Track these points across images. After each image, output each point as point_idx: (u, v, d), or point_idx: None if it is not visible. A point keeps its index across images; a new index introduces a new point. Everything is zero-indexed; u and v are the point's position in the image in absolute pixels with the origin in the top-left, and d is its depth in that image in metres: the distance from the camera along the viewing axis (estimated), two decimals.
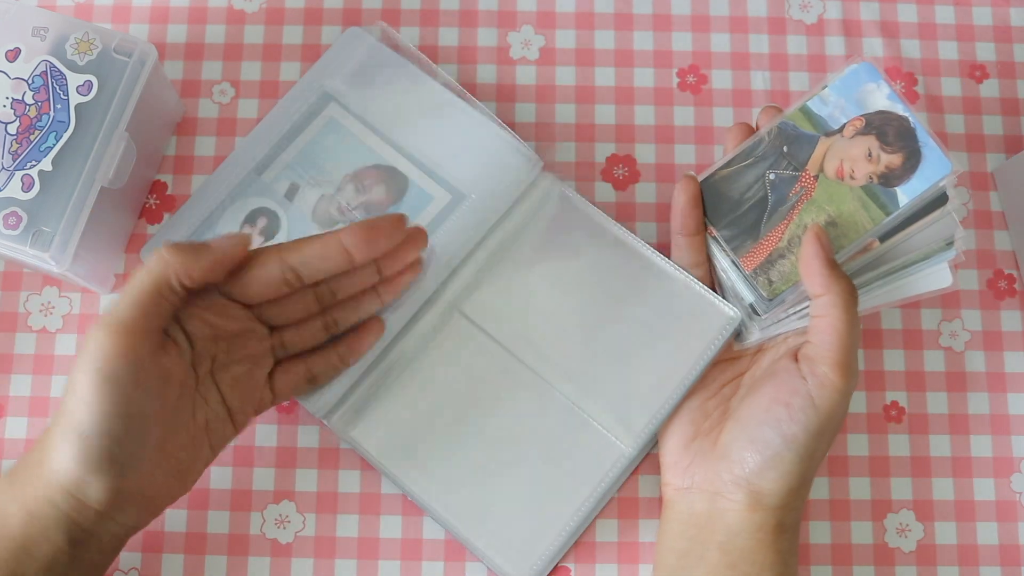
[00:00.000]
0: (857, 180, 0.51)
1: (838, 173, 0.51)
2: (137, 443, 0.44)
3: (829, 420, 0.48)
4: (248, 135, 0.59)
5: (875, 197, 0.51)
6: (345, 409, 0.55)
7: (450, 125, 0.57)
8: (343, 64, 0.59)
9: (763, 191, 0.52)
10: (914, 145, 0.51)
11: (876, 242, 0.51)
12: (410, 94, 0.58)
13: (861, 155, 0.51)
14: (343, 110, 0.58)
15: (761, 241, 0.52)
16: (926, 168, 0.51)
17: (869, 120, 0.52)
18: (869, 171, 0.51)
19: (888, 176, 0.51)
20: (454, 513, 0.54)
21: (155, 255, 0.45)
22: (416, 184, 0.57)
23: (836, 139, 0.52)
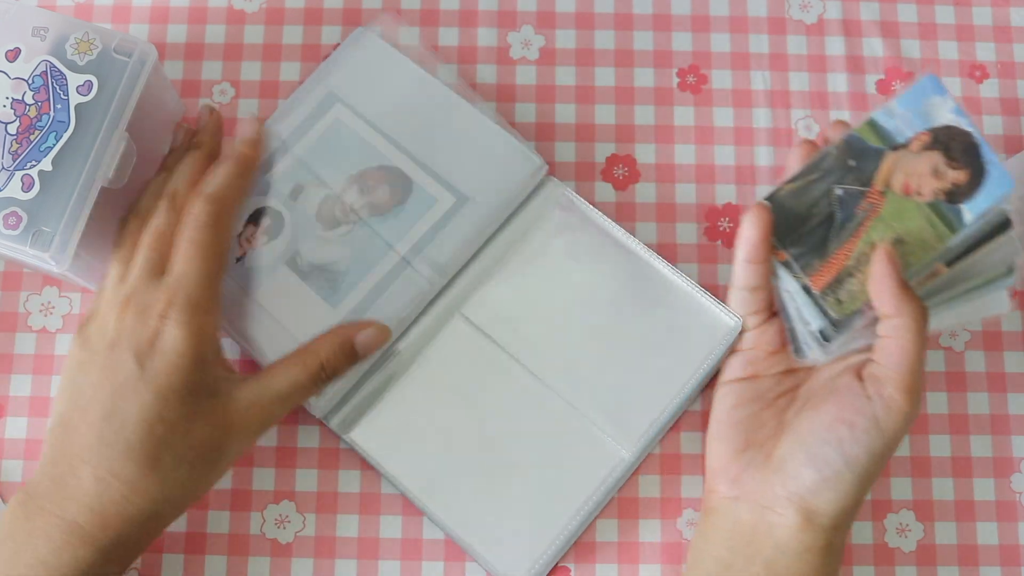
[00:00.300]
0: (924, 196, 0.50)
1: (905, 189, 0.50)
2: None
3: (891, 443, 0.47)
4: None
5: (941, 215, 0.50)
6: (345, 410, 0.55)
7: (455, 128, 0.57)
8: (349, 65, 0.59)
9: (829, 207, 0.50)
10: (979, 162, 0.50)
11: (943, 268, 0.50)
12: (416, 96, 0.58)
13: (927, 171, 0.50)
14: (348, 111, 0.58)
15: (829, 259, 0.50)
16: (990, 185, 0.49)
17: (935, 135, 0.50)
18: (935, 187, 0.50)
19: (954, 193, 0.50)
20: (453, 515, 0.54)
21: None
22: (420, 186, 0.57)
23: (902, 154, 0.50)
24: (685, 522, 0.55)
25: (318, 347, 0.51)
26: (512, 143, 0.57)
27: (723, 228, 0.59)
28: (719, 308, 0.55)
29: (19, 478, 0.56)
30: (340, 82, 0.58)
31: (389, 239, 0.56)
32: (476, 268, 0.57)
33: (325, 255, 0.56)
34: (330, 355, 0.51)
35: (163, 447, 0.45)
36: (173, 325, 0.46)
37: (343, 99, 0.58)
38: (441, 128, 0.57)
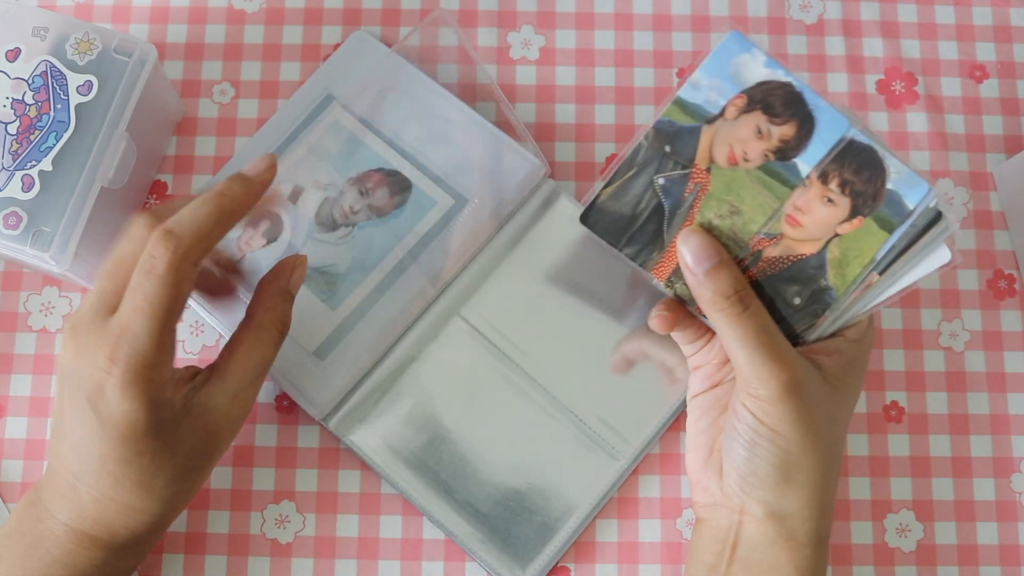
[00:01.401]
0: (752, 161, 0.46)
1: (730, 159, 0.46)
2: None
3: (775, 432, 0.45)
4: (252, 137, 0.59)
5: (775, 173, 0.46)
6: (344, 412, 0.55)
7: (455, 129, 0.57)
8: (348, 67, 0.59)
9: (656, 198, 0.47)
10: (804, 110, 0.46)
11: (875, 276, 0.46)
12: (414, 98, 0.58)
13: (750, 134, 0.46)
14: (347, 113, 0.58)
15: (668, 250, 0.47)
16: (823, 131, 0.45)
17: (751, 95, 0.46)
18: (762, 149, 0.46)
19: (784, 149, 0.46)
20: (452, 516, 0.54)
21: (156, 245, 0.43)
22: (419, 188, 0.57)
23: (719, 124, 0.46)
24: (685, 522, 0.55)
25: (270, 313, 0.48)
26: (512, 145, 0.57)
27: None
28: None
29: (19, 478, 0.56)
30: (338, 84, 0.58)
31: (388, 242, 0.56)
32: (475, 270, 0.57)
33: (325, 257, 0.56)
34: (284, 315, 0.48)
35: (150, 474, 0.45)
36: (116, 386, 0.42)
37: (341, 101, 0.58)
38: (440, 130, 0.57)
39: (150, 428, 0.43)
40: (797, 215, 0.46)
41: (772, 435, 0.45)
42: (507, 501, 0.54)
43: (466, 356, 0.56)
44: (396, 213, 0.56)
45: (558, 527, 0.54)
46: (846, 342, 0.46)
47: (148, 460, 0.44)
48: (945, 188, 0.60)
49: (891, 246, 0.45)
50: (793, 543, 0.46)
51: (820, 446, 0.45)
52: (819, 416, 0.45)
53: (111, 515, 0.45)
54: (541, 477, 0.54)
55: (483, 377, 0.55)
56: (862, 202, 0.46)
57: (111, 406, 0.43)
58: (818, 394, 0.45)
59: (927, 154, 0.61)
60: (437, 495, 0.54)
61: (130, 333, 0.42)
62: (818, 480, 0.45)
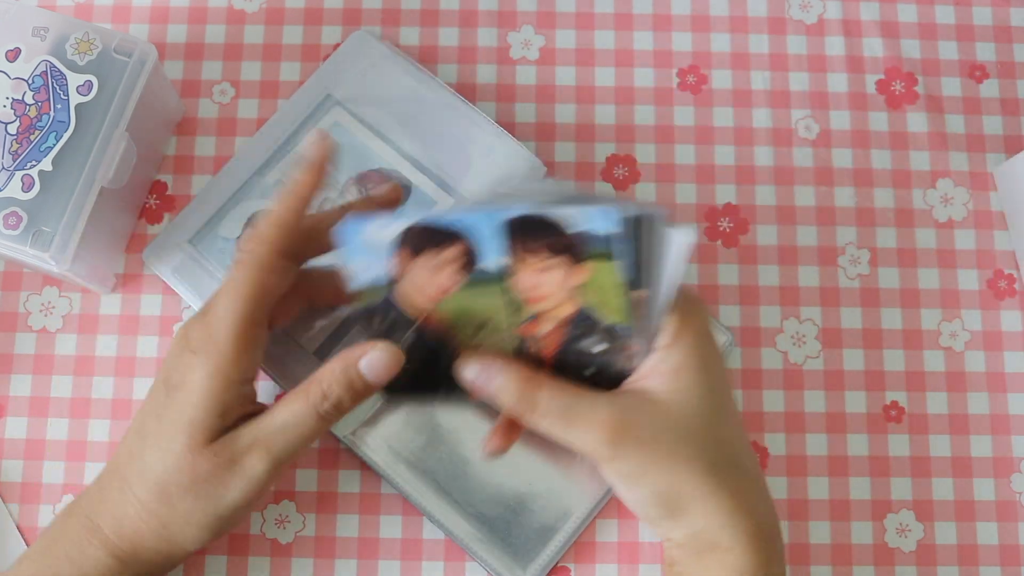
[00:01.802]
0: (453, 287, 0.44)
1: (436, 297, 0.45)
2: None
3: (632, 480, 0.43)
4: (252, 137, 0.59)
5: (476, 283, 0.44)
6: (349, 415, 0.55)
7: (454, 129, 0.57)
8: (348, 67, 0.59)
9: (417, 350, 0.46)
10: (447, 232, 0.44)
11: (643, 292, 0.44)
12: (414, 98, 0.58)
13: (428, 276, 0.45)
14: (347, 113, 0.58)
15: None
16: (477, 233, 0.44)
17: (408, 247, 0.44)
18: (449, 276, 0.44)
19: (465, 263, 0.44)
20: (452, 517, 0.54)
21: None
22: (419, 188, 0.57)
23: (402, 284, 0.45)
24: None
25: (321, 375, 0.46)
26: (511, 145, 0.57)
27: (723, 228, 0.59)
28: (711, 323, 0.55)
29: (19, 478, 0.56)
30: (338, 84, 0.58)
31: None
32: None
33: (324, 259, 0.56)
34: (331, 382, 0.45)
35: (168, 475, 0.45)
36: (197, 367, 0.45)
37: (341, 101, 0.58)
38: (440, 130, 0.57)
39: (197, 422, 0.45)
40: (534, 293, 0.45)
41: (632, 485, 0.43)
42: (507, 501, 0.54)
43: None
44: (396, 213, 0.56)
45: (558, 527, 0.54)
46: (661, 353, 0.44)
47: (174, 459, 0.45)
48: (945, 188, 0.60)
49: (623, 269, 0.44)
50: (718, 551, 0.43)
51: (691, 466, 0.43)
52: (666, 442, 0.43)
53: (125, 510, 0.46)
54: (542, 477, 0.54)
55: None
56: (574, 252, 0.44)
57: (187, 384, 0.45)
58: (656, 422, 0.43)
59: (927, 154, 0.61)
60: (437, 495, 0.54)
61: (215, 319, 0.45)
62: (709, 495, 0.43)
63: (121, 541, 0.46)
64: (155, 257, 0.57)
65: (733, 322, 0.58)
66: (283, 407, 0.46)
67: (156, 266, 0.57)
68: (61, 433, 0.56)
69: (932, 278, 0.59)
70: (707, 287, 0.58)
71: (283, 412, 0.46)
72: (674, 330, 0.44)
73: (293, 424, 0.46)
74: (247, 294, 0.45)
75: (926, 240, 0.59)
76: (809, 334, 0.58)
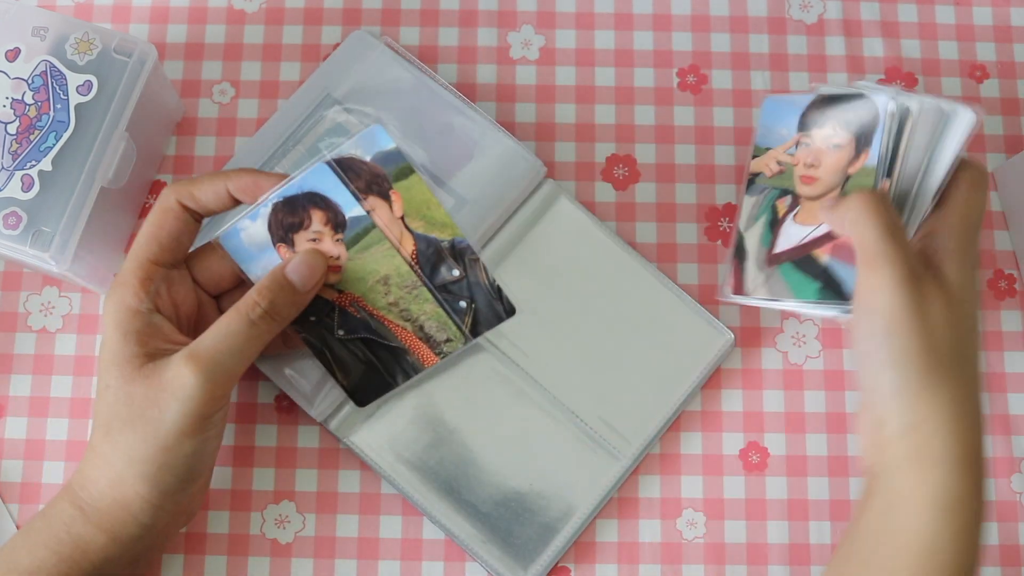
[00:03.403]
0: (342, 256, 0.50)
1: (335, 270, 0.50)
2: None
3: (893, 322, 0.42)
4: (251, 137, 0.59)
5: (355, 237, 0.50)
6: (345, 413, 0.55)
7: (453, 129, 0.57)
8: (348, 67, 0.59)
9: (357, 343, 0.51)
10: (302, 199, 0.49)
11: (885, 182, 0.47)
12: (413, 98, 0.58)
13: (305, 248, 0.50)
14: (347, 113, 0.58)
15: (407, 345, 0.52)
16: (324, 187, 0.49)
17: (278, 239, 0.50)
18: (331, 243, 0.50)
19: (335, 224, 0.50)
20: (453, 517, 0.54)
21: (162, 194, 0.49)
22: None
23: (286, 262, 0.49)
24: (685, 522, 0.55)
25: (252, 290, 0.48)
26: (511, 145, 0.57)
27: (723, 228, 0.59)
28: (712, 323, 0.56)
29: (19, 478, 0.56)
30: (338, 84, 0.58)
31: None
32: None
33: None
34: (261, 290, 0.48)
35: (110, 411, 0.46)
36: (107, 304, 0.48)
37: (341, 101, 0.58)
38: (439, 130, 0.57)
39: (117, 351, 0.47)
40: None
41: (895, 328, 0.42)
42: (508, 502, 0.54)
43: (467, 357, 0.56)
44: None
45: (559, 527, 0.54)
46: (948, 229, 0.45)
47: (110, 393, 0.46)
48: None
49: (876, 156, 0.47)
50: (923, 464, 0.41)
51: (952, 350, 0.42)
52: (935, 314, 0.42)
53: (85, 461, 0.47)
54: (542, 477, 0.54)
55: (484, 378, 0.55)
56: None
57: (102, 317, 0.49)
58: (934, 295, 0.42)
59: None
60: (438, 496, 0.54)
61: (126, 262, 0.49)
62: (951, 386, 0.41)
63: (81, 491, 0.47)
64: None
65: (733, 322, 0.58)
66: (216, 323, 0.47)
67: None
68: (61, 433, 0.56)
69: None
70: (707, 287, 0.58)
71: (215, 327, 0.47)
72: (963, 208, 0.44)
73: (225, 334, 0.47)
74: (146, 232, 0.49)
75: None
76: (809, 334, 0.58)
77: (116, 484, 0.46)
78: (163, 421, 0.46)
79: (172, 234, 0.49)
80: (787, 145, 0.52)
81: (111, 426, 0.46)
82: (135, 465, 0.46)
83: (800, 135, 0.51)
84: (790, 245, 0.52)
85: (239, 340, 0.47)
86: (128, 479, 0.46)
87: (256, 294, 0.48)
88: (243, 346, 0.47)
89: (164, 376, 0.46)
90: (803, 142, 0.50)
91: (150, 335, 0.47)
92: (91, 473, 0.47)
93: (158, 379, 0.46)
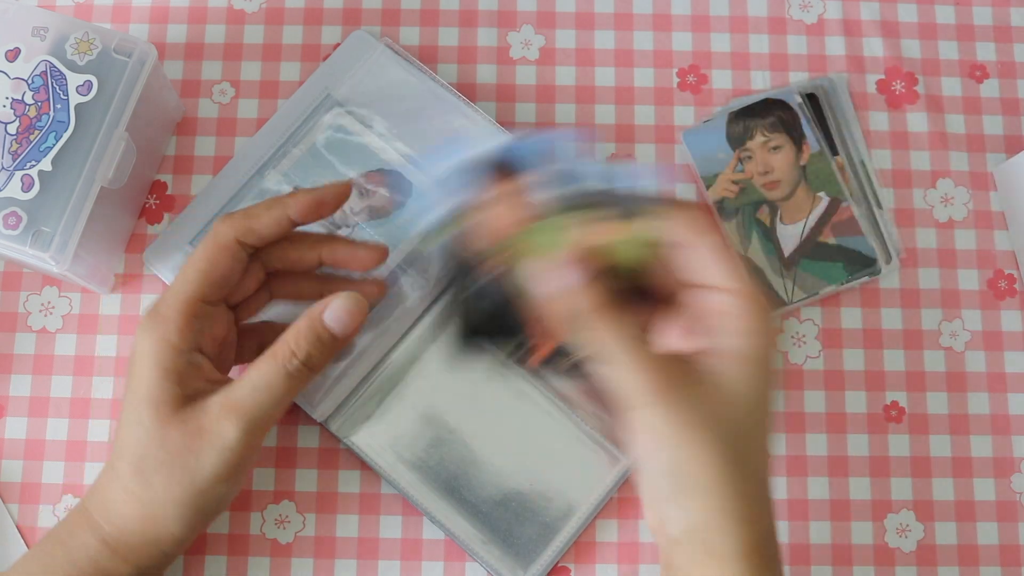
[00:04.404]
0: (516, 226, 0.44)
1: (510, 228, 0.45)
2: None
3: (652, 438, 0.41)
4: (252, 137, 0.59)
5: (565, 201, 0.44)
6: (346, 414, 0.55)
7: (455, 130, 0.57)
8: (349, 67, 0.59)
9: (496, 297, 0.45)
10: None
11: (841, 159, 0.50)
12: (414, 98, 0.58)
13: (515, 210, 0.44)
14: (347, 114, 0.58)
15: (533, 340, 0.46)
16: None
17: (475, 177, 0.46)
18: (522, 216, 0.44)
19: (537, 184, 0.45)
20: (453, 517, 0.54)
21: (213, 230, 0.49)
22: (420, 189, 0.57)
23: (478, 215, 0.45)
24: None
25: (288, 334, 0.47)
26: None
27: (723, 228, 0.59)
28: None
29: (19, 478, 0.56)
30: (338, 84, 0.58)
31: (388, 243, 0.55)
32: None
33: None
34: (298, 338, 0.46)
35: (143, 449, 0.46)
36: (144, 338, 0.47)
37: (341, 101, 0.58)
38: (441, 131, 0.57)
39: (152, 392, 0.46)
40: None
41: (654, 444, 0.41)
42: (508, 502, 0.54)
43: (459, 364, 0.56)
44: (396, 215, 0.56)
45: (559, 527, 0.54)
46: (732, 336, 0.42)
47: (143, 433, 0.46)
48: (945, 188, 0.60)
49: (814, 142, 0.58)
50: (713, 557, 0.41)
51: (716, 450, 0.40)
52: (705, 416, 0.41)
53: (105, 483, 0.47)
54: (542, 477, 0.54)
55: (484, 378, 0.55)
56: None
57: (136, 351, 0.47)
58: (703, 393, 0.41)
59: (927, 154, 0.61)
60: (438, 496, 0.54)
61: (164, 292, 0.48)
62: (720, 487, 0.40)
63: (107, 525, 0.46)
64: (155, 257, 0.57)
65: None
66: (252, 370, 0.46)
67: (156, 266, 0.57)
68: (61, 433, 0.56)
69: (932, 278, 0.59)
70: None
71: (252, 375, 0.46)
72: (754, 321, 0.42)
73: (263, 385, 0.46)
74: (197, 267, 0.48)
75: (926, 240, 0.59)
76: (809, 334, 0.58)
77: (148, 522, 0.46)
78: (200, 469, 0.46)
79: (225, 273, 0.48)
80: (732, 165, 0.57)
81: (143, 465, 0.46)
82: (169, 507, 0.46)
83: (738, 152, 0.57)
84: (795, 244, 0.57)
85: (276, 392, 0.46)
86: (161, 520, 0.46)
87: (293, 342, 0.46)
88: (280, 398, 0.46)
89: (202, 424, 0.45)
90: (743, 157, 0.56)
91: (190, 375, 0.47)
92: (120, 509, 0.46)
93: (195, 425, 0.45)
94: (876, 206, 0.58)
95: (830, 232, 0.58)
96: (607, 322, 0.42)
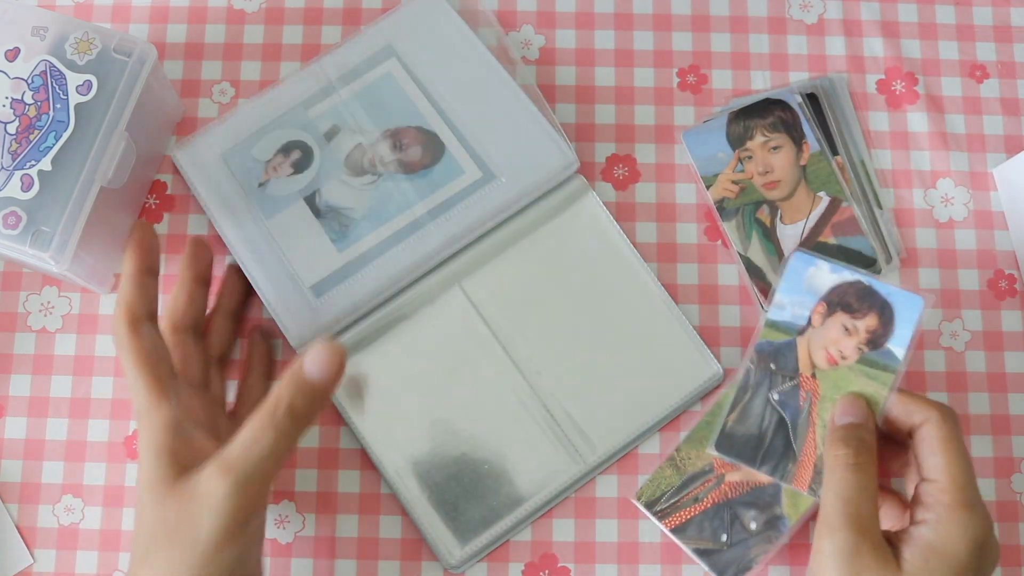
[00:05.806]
0: (849, 358, 0.51)
1: (829, 361, 0.51)
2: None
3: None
4: (304, 67, 0.59)
5: (873, 363, 0.51)
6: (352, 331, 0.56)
7: (498, 104, 0.58)
8: (414, 22, 0.60)
9: (776, 414, 0.52)
10: (879, 299, 0.51)
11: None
12: (467, 65, 0.59)
13: (840, 334, 0.51)
14: (401, 67, 0.59)
15: (801, 459, 0.51)
16: (903, 314, 0.51)
17: (828, 300, 0.52)
18: (855, 344, 0.51)
19: (874, 339, 0.51)
20: (404, 474, 0.54)
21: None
22: (451, 154, 0.57)
23: (810, 333, 0.52)
24: None
25: (275, 387, 0.47)
26: (549, 132, 0.57)
27: (723, 228, 0.59)
28: (707, 354, 0.56)
29: (18, 478, 0.56)
30: (400, 37, 0.59)
31: (410, 198, 0.57)
32: (486, 246, 0.57)
33: (344, 199, 0.57)
34: (281, 388, 0.46)
35: (145, 534, 0.46)
36: (139, 426, 0.48)
37: (399, 54, 0.59)
38: (484, 102, 0.58)
39: (154, 472, 0.46)
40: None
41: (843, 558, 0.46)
42: (461, 475, 0.54)
43: (456, 326, 0.56)
44: (423, 173, 0.57)
45: (504, 515, 0.54)
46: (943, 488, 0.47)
47: (142, 507, 0.46)
48: (945, 188, 0.60)
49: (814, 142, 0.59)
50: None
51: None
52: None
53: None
54: (499, 459, 0.55)
55: (467, 350, 0.56)
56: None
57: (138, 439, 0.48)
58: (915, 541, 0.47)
59: (927, 154, 0.61)
60: (391, 448, 0.55)
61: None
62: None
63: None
64: (185, 156, 0.58)
65: (734, 323, 0.58)
66: (244, 427, 0.46)
67: (184, 162, 0.58)
68: (60, 433, 0.56)
69: (932, 278, 0.59)
70: (707, 287, 0.58)
71: (243, 431, 0.46)
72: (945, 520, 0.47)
73: (251, 439, 0.45)
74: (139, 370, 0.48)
75: (926, 240, 0.59)
76: None
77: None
78: (199, 536, 0.44)
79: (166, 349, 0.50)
80: (732, 165, 0.57)
81: (148, 551, 0.45)
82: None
83: (738, 152, 0.57)
84: (795, 244, 0.57)
85: (265, 444, 0.45)
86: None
87: (277, 393, 0.46)
88: (270, 449, 0.45)
89: (197, 490, 0.45)
90: (744, 156, 0.57)
91: (188, 451, 0.46)
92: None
93: (190, 493, 0.45)
94: (876, 206, 0.58)
95: (830, 232, 0.58)
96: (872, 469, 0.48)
